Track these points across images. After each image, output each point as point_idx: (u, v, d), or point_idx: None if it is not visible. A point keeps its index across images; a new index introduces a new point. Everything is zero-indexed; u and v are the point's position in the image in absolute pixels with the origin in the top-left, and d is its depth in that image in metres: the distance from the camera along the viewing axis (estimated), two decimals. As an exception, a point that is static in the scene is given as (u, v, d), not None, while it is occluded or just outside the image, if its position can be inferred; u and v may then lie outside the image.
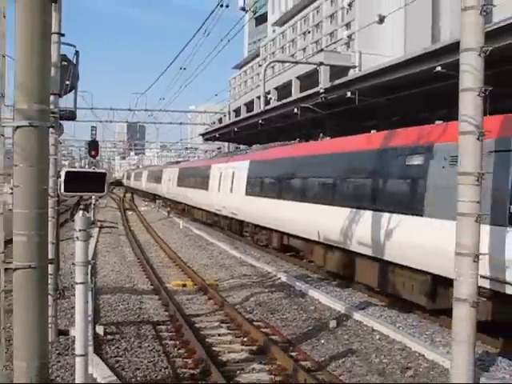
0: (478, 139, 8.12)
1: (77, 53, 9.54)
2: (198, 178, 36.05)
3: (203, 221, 34.74)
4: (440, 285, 10.99)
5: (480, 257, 8.13)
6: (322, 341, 10.48)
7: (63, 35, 8.91)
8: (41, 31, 5.06)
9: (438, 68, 12.85)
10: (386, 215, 12.56)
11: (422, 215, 11.29)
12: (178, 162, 59.40)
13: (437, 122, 12.21)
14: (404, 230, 11.86)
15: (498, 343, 10.06)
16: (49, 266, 5.79)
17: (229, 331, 11.23)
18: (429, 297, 11.34)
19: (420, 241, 11.22)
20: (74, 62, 9.63)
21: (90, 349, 8.07)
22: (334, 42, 77.47)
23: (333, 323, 11.42)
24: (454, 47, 9.83)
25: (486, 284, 9.38)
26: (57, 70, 8.69)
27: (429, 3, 72.94)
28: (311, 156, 18.21)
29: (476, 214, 8.14)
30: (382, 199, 13.10)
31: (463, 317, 8.18)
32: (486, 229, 9.00)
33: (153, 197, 61.72)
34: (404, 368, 8.99)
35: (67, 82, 9.39)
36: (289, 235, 19.40)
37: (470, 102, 8.13)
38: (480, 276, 8.33)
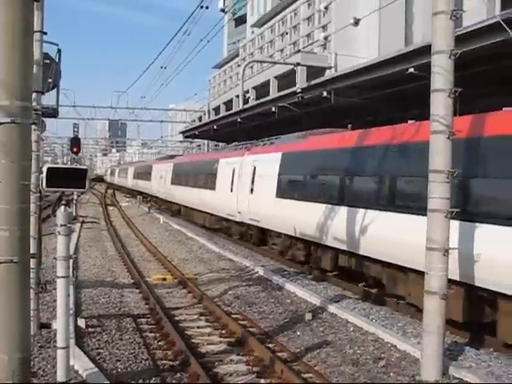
0: (448, 138, 8.45)
1: (59, 51, 9.66)
2: (199, 174, 30.17)
3: (206, 226, 29.06)
4: None
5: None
6: (298, 333, 10.72)
7: (45, 33, 9.00)
8: (22, 28, 5.08)
9: (411, 70, 13.12)
10: None
11: None
12: (171, 157, 51.39)
13: (409, 122, 12.39)
14: None
15: (466, 333, 10.40)
16: (31, 260, 5.86)
17: (207, 324, 11.43)
18: None
19: None
20: (57, 60, 9.73)
21: (72, 341, 8.22)
22: (311, 44, 77.99)
23: (308, 316, 11.67)
24: (425, 50, 10.10)
25: None
26: (39, 67, 8.75)
27: (402, 7, 74.10)
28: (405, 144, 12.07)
29: (446, 210, 8.47)
30: None
31: (433, 309, 8.51)
32: None
33: (139, 195, 54.71)
34: (377, 358, 9.27)
35: (49, 80, 9.49)
36: (352, 254, 13.93)
37: (440, 103, 8.43)
38: None
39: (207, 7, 15.72)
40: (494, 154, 9.78)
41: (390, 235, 11.99)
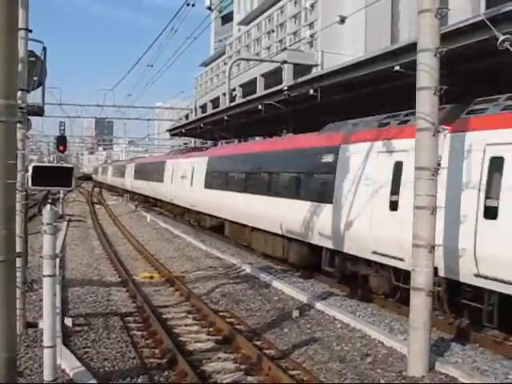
0: (433, 135, 8.51)
1: (44, 49, 9.59)
2: (278, 174, 18.13)
3: (286, 259, 17.10)
4: None
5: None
6: (286, 330, 10.76)
7: (30, 31, 8.95)
8: (6, 26, 5.07)
9: (397, 67, 13.21)
10: None
11: None
12: (199, 149, 35.92)
13: None
14: None
15: (452, 329, 10.49)
16: (17, 259, 5.85)
17: (195, 322, 11.42)
18: None
19: None
20: (42, 57, 9.67)
21: (59, 340, 8.19)
22: (298, 41, 78.31)
23: (296, 313, 11.70)
24: (411, 47, 10.18)
25: None
26: (24, 65, 8.69)
27: (388, 5, 74.82)
28: None
29: (432, 207, 8.53)
30: None
31: (420, 305, 8.59)
32: None
33: (144, 199, 45.71)
34: (364, 355, 9.33)
35: (35, 78, 9.43)
36: None
37: (426, 100, 8.50)
38: None
39: (193, 5, 15.71)
40: None
41: None
